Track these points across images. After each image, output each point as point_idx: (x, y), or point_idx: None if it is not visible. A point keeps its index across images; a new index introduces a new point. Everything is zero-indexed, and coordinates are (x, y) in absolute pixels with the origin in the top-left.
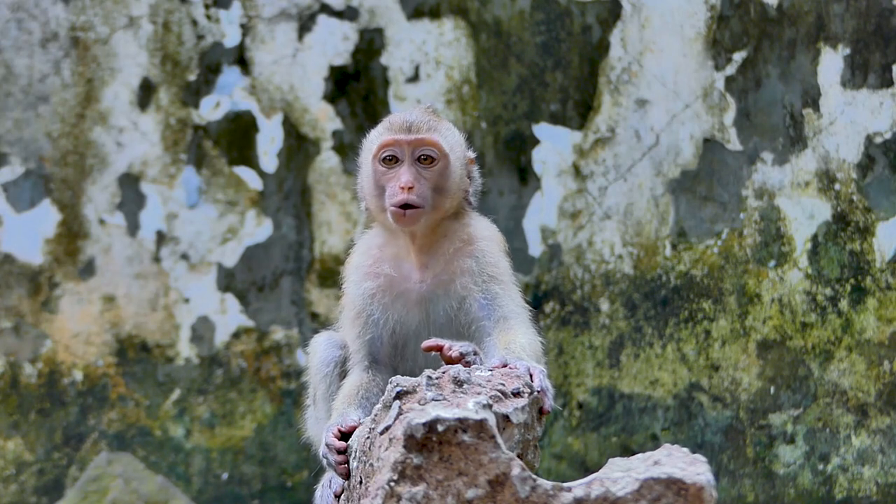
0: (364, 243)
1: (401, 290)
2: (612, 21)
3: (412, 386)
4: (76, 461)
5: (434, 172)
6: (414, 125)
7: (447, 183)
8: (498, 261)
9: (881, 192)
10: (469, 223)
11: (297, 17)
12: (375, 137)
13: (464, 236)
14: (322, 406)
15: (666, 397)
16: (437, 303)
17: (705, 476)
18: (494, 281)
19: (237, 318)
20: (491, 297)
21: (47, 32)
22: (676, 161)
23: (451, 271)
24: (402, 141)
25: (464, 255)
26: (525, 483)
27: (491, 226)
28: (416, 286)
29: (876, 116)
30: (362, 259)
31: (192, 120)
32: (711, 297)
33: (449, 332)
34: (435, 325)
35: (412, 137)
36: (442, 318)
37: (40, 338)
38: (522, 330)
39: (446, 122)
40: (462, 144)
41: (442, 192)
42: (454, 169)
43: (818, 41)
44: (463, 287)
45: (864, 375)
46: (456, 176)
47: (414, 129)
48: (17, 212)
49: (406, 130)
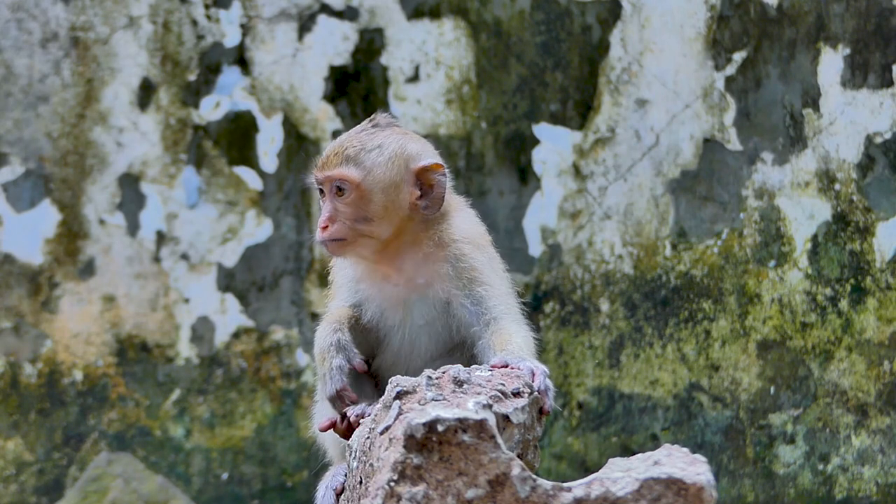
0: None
1: (380, 285)
2: (612, 21)
3: (412, 386)
4: (76, 461)
5: (349, 204)
6: (327, 159)
7: (367, 211)
8: (476, 261)
9: (881, 192)
10: (441, 227)
11: (297, 17)
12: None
13: (435, 240)
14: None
15: (666, 397)
16: (413, 305)
17: (705, 476)
18: (476, 283)
19: (237, 318)
20: (477, 300)
21: (47, 32)
22: (676, 161)
23: (427, 276)
24: (318, 178)
25: (437, 259)
26: (525, 483)
27: (467, 222)
28: (392, 287)
29: (876, 116)
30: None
31: (192, 120)
32: (711, 297)
33: (427, 334)
34: (413, 326)
35: (322, 175)
36: (419, 319)
37: (40, 338)
38: (515, 328)
39: (380, 138)
40: (395, 160)
41: (365, 220)
42: (372, 195)
43: (818, 41)
44: (444, 291)
45: (864, 375)
46: (376, 201)
47: (326, 165)
48: (17, 212)
49: (321, 165)
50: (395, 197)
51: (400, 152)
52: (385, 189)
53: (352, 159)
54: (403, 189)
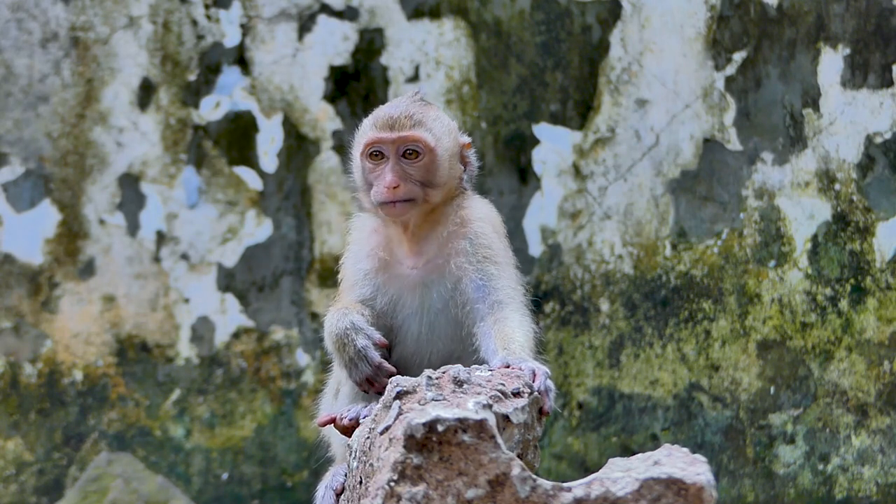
0: (360, 224)
1: (395, 273)
2: (612, 21)
3: (412, 386)
4: (76, 461)
5: (420, 167)
6: (398, 121)
7: (435, 175)
8: (493, 241)
9: (881, 192)
10: (464, 205)
11: (297, 17)
12: (362, 133)
13: (458, 219)
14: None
15: (666, 397)
16: (431, 287)
17: (705, 476)
18: (489, 262)
19: (237, 318)
20: (486, 277)
21: (47, 32)
22: (676, 161)
23: (446, 254)
24: (386, 139)
25: (458, 237)
26: (525, 483)
27: (487, 206)
28: (409, 272)
29: (876, 116)
30: (359, 237)
31: (192, 120)
32: (711, 297)
33: (445, 317)
34: (431, 311)
35: (395, 136)
36: (437, 303)
37: (40, 338)
38: (518, 320)
39: (434, 110)
40: (452, 132)
41: (430, 184)
42: (441, 160)
43: (818, 41)
44: (458, 267)
45: (864, 375)
46: (444, 166)
47: (397, 126)
48: (17, 212)
49: (389, 128)
50: (454, 165)
51: (452, 126)
52: (450, 157)
53: (423, 125)
54: (456, 160)
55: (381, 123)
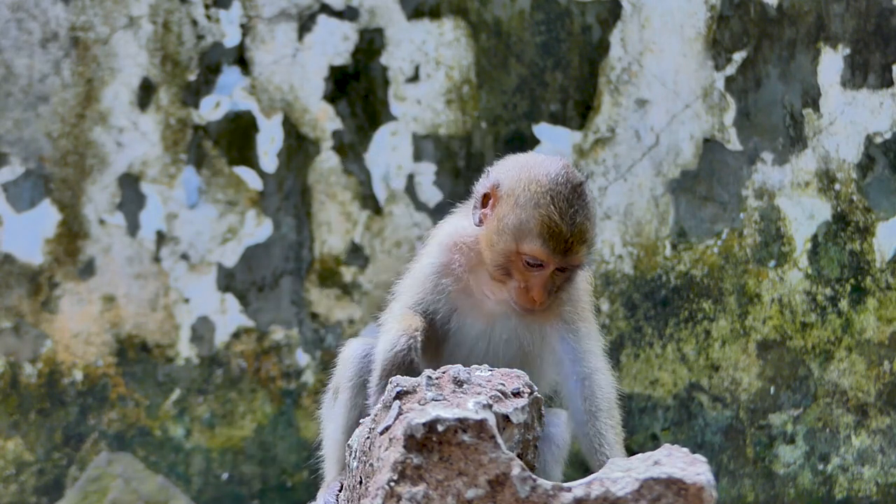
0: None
1: (473, 295)
2: (612, 21)
3: (412, 386)
4: (76, 461)
5: (568, 279)
6: (573, 248)
7: (573, 283)
8: (584, 298)
9: (881, 192)
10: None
11: (297, 17)
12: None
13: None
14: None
15: (666, 397)
16: (499, 319)
17: (705, 476)
18: (581, 319)
19: (237, 318)
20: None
21: (47, 32)
22: (676, 161)
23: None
24: (555, 261)
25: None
26: (525, 483)
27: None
28: (486, 300)
29: (876, 116)
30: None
31: (192, 120)
32: (711, 297)
33: (508, 346)
34: (498, 338)
35: (565, 262)
36: (505, 333)
37: (40, 338)
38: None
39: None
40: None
41: (563, 289)
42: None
43: (818, 41)
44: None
45: (864, 375)
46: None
47: (571, 253)
48: (17, 212)
49: (563, 252)
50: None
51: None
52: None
53: (587, 243)
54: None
55: (554, 244)
